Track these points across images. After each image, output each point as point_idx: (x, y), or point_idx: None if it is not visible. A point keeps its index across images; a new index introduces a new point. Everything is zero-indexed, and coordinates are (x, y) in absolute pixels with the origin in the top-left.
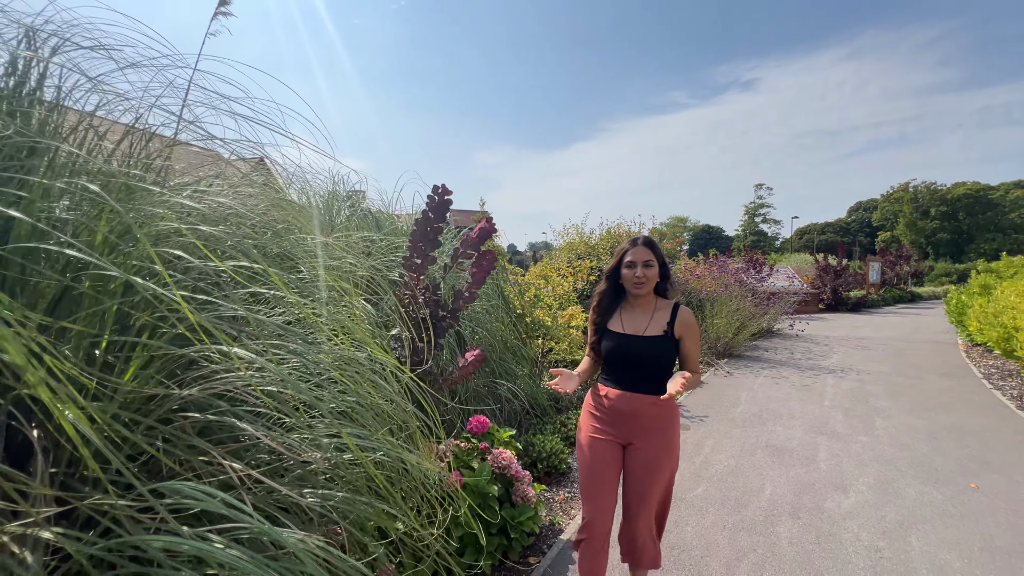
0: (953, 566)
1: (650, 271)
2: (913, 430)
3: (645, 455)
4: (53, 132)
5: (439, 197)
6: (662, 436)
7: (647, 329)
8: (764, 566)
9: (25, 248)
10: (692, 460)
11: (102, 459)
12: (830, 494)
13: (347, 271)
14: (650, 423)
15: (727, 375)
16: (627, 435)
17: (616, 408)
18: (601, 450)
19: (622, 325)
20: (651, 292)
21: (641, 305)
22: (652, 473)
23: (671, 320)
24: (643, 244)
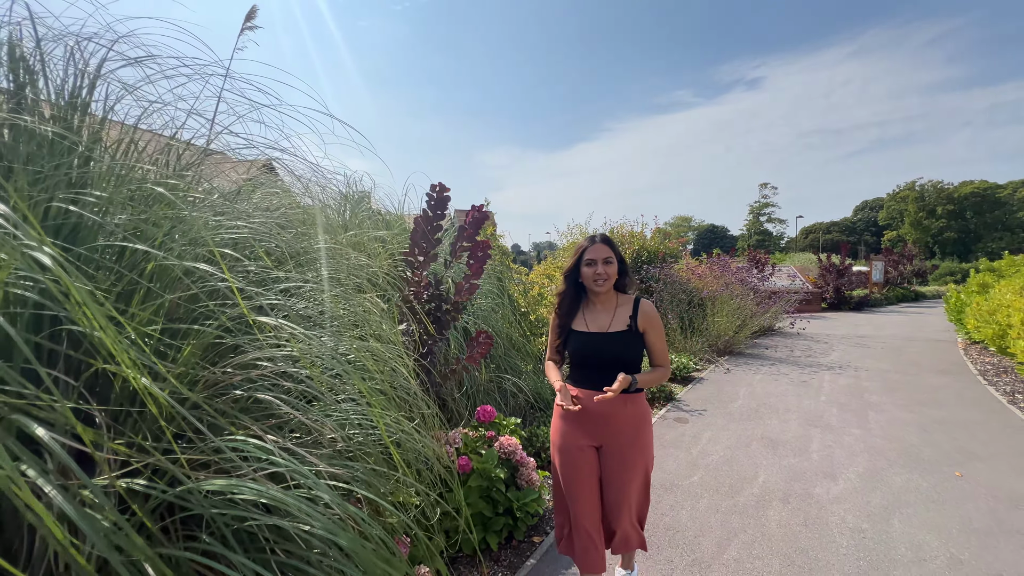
0: (931, 545)
1: (610, 268)
2: (905, 423)
3: (620, 455)
4: (104, 145)
5: (437, 195)
6: (634, 435)
7: (611, 325)
8: (753, 545)
9: (92, 248)
10: (689, 451)
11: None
12: (820, 482)
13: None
14: (622, 423)
15: (727, 372)
16: (600, 436)
17: (587, 409)
18: (578, 456)
19: (586, 324)
20: (611, 289)
21: (602, 302)
22: (628, 472)
23: (633, 314)
24: (601, 241)
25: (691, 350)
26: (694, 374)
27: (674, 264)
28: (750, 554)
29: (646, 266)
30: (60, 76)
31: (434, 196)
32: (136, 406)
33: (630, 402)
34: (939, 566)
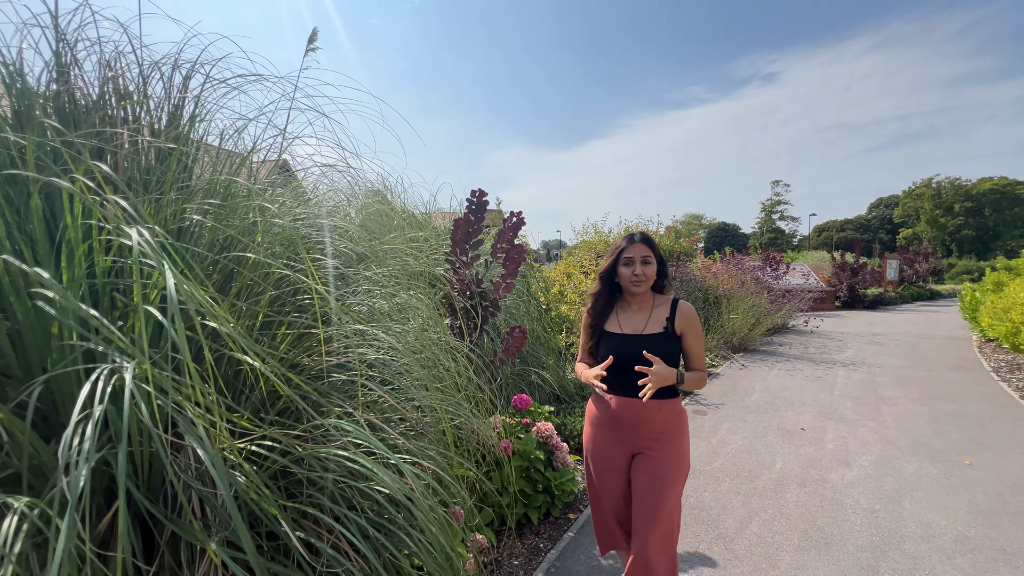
0: (939, 523)
1: (648, 268)
2: (917, 416)
3: (653, 465)
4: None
5: (477, 200)
6: (670, 443)
7: (646, 327)
8: (773, 523)
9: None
10: (709, 440)
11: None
12: (835, 468)
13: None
14: (657, 430)
15: (742, 367)
16: (633, 444)
17: (620, 416)
18: (609, 466)
19: (619, 325)
20: (648, 290)
21: (638, 303)
22: (662, 483)
23: (671, 316)
24: (640, 241)
25: (707, 347)
26: (711, 370)
27: (689, 262)
28: (770, 530)
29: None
30: (160, 98)
31: (474, 201)
32: (247, 389)
33: (666, 406)
34: (946, 541)
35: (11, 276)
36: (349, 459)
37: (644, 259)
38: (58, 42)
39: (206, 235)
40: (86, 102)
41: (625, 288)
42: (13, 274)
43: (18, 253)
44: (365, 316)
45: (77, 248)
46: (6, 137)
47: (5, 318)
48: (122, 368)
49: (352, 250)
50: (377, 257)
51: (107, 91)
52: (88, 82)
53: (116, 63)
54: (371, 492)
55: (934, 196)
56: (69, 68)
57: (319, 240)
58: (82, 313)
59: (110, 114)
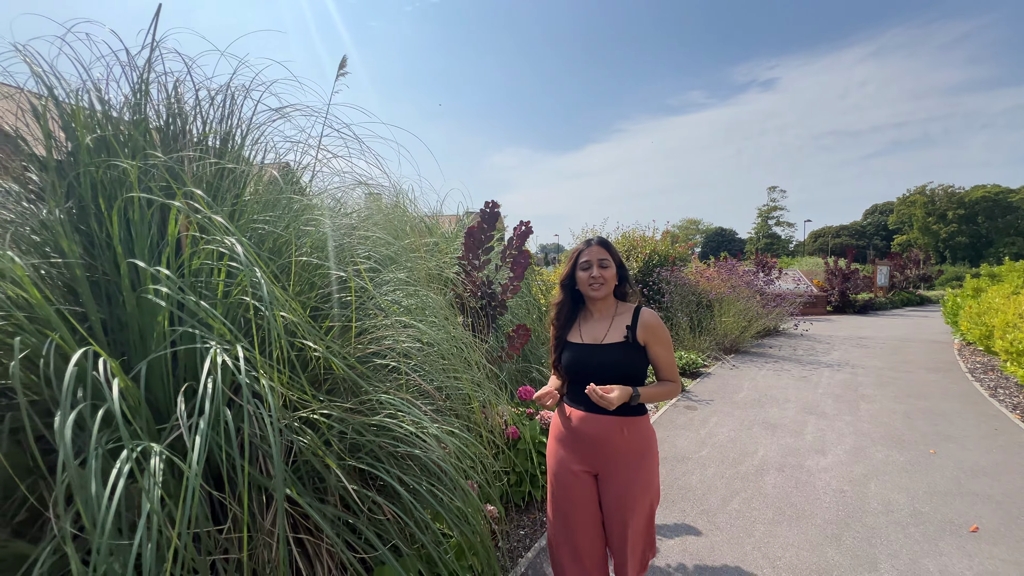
0: (899, 501)
1: (606, 271)
2: (892, 412)
3: (617, 488)
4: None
5: (490, 210)
6: (635, 465)
7: (606, 336)
8: (751, 501)
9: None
10: (698, 432)
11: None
12: (811, 456)
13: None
14: (620, 450)
15: (733, 368)
16: (596, 463)
17: (582, 432)
18: (571, 481)
19: (580, 335)
20: (610, 296)
21: (600, 311)
22: (627, 509)
23: (632, 324)
24: (597, 244)
25: (699, 348)
26: (702, 369)
27: (683, 267)
28: (748, 507)
29: (657, 269)
30: (216, 122)
31: (487, 211)
32: (303, 369)
33: (628, 426)
34: (903, 515)
35: (121, 275)
36: (397, 425)
37: (601, 262)
38: (138, 79)
39: (267, 241)
40: (158, 128)
41: (585, 294)
42: (123, 274)
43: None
44: (396, 311)
45: (181, 252)
46: (117, 162)
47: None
48: (218, 347)
49: (383, 253)
50: (400, 260)
51: (173, 117)
52: (157, 111)
53: (177, 91)
54: (409, 456)
55: (927, 203)
56: (144, 99)
57: (351, 244)
58: (188, 304)
59: (177, 138)
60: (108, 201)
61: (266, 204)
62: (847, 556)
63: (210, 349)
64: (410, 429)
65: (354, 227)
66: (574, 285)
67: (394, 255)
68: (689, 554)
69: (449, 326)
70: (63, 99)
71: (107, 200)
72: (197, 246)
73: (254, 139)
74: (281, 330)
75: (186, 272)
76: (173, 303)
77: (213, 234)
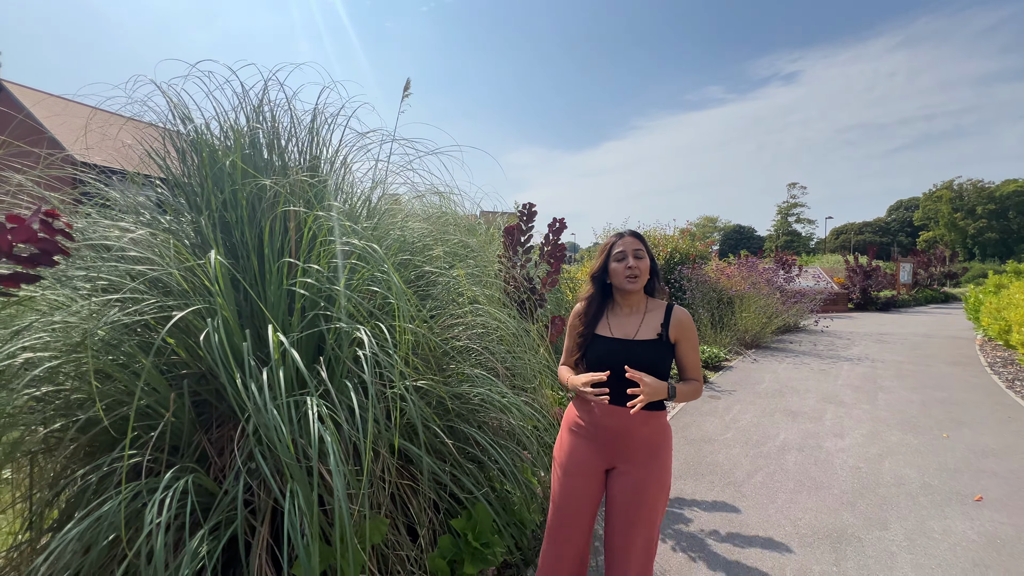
0: (910, 476)
1: (642, 263)
2: (909, 401)
3: (632, 481)
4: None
5: (528, 211)
6: (652, 461)
7: (639, 332)
8: (774, 475)
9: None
10: (722, 417)
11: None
12: (830, 439)
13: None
14: (639, 444)
15: (754, 361)
16: (611, 457)
17: (602, 425)
18: (580, 484)
19: (610, 329)
20: (641, 291)
21: (631, 305)
22: (639, 503)
23: (665, 322)
24: (630, 235)
25: (721, 343)
26: (724, 363)
27: (704, 265)
28: (771, 479)
29: (679, 267)
30: (305, 143)
31: (525, 212)
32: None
33: (652, 419)
34: (913, 488)
35: (267, 270)
36: (486, 393)
37: (636, 252)
38: (251, 112)
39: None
40: (269, 150)
41: (619, 286)
42: (268, 269)
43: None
44: (466, 301)
45: (296, 251)
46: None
47: (245, 302)
48: (359, 329)
49: (456, 251)
50: (465, 258)
51: (276, 139)
52: (267, 137)
53: (275, 118)
54: (487, 421)
55: (954, 198)
56: (258, 127)
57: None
58: (336, 295)
59: (281, 157)
60: (252, 212)
61: (370, 212)
62: (861, 519)
63: (342, 328)
64: (496, 397)
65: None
66: (605, 279)
67: (461, 252)
68: (719, 515)
69: (508, 314)
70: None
71: (251, 211)
72: (326, 247)
73: (342, 157)
74: (406, 314)
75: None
76: (314, 291)
77: (342, 237)
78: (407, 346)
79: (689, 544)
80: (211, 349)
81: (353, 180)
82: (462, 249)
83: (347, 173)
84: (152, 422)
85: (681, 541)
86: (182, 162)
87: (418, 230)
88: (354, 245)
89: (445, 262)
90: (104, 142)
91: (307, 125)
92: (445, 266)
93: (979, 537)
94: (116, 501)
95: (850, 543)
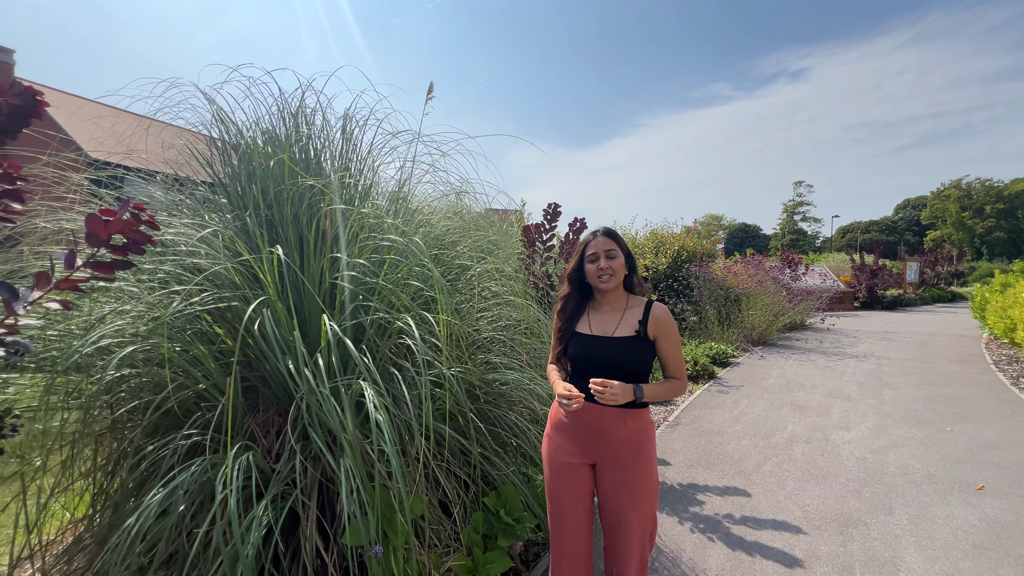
0: (914, 466)
1: (614, 262)
2: (914, 397)
3: (618, 477)
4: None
5: (552, 212)
6: (635, 456)
7: (617, 329)
8: (782, 464)
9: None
10: (731, 411)
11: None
12: (836, 431)
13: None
14: (620, 441)
15: (761, 358)
16: (594, 454)
17: (583, 422)
18: (567, 472)
19: (590, 327)
20: (620, 288)
21: (610, 303)
22: (629, 500)
23: (644, 319)
24: (603, 234)
25: (728, 340)
26: (731, 359)
27: (711, 263)
28: (780, 468)
29: (686, 265)
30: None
31: (549, 212)
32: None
33: (630, 417)
34: (917, 477)
35: (308, 263)
36: (518, 378)
37: (608, 253)
38: (290, 118)
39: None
40: (304, 151)
41: (594, 286)
42: (311, 263)
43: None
44: (491, 295)
45: (358, 249)
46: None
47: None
48: (405, 319)
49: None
50: (488, 254)
51: (313, 144)
52: (305, 139)
53: (309, 122)
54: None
55: (962, 197)
56: (302, 132)
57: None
58: (376, 288)
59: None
60: (295, 209)
61: (396, 211)
62: (866, 505)
63: (384, 319)
64: (526, 381)
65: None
66: (582, 278)
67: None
68: (731, 500)
69: (529, 307)
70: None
71: (294, 209)
72: (368, 242)
73: (374, 157)
74: (448, 307)
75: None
76: (357, 284)
77: (385, 234)
78: (447, 336)
79: (705, 526)
80: (266, 338)
81: (379, 180)
82: (488, 244)
83: (374, 175)
84: (208, 404)
85: (698, 523)
86: (224, 164)
87: (443, 227)
88: (396, 241)
89: (468, 258)
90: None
91: (338, 127)
92: (470, 262)
93: (980, 522)
94: (189, 473)
95: (856, 527)
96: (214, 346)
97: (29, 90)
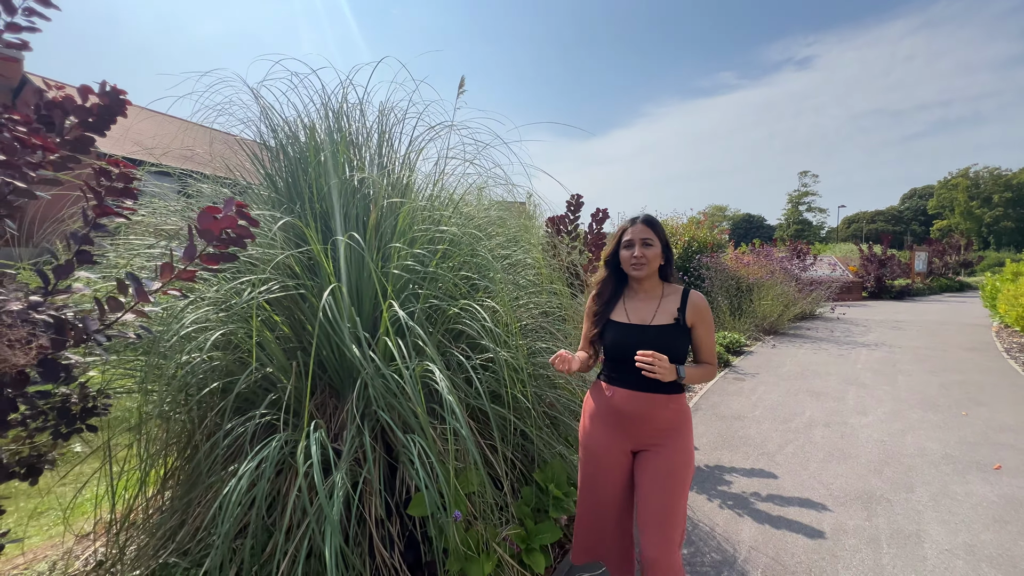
0: (932, 448)
1: (650, 251)
2: (928, 383)
3: (663, 461)
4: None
5: (575, 203)
6: (678, 440)
7: (655, 318)
8: (804, 447)
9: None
10: (749, 397)
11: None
12: (854, 416)
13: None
14: (663, 426)
15: (773, 347)
16: (636, 441)
17: (623, 410)
18: (607, 461)
19: (627, 315)
20: (655, 276)
21: (646, 290)
22: (672, 481)
23: (682, 306)
24: (642, 222)
25: (740, 329)
26: (744, 348)
27: (722, 253)
28: (802, 451)
29: (697, 255)
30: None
31: (572, 203)
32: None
33: (672, 402)
34: (935, 457)
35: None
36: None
37: (644, 241)
38: (333, 117)
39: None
40: (352, 147)
41: (627, 272)
42: (354, 251)
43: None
44: (525, 283)
45: (412, 239)
46: (363, 177)
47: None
48: (471, 306)
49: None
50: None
51: (354, 139)
52: (349, 136)
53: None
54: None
55: (970, 187)
56: (335, 128)
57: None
58: (431, 276)
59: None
60: (345, 202)
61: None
62: (888, 483)
63: (440, 305)
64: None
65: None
66: (618, 264)
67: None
68: (757, 480)
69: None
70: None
71: (344, 201)
72: (422, 233)
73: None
74: (505, 293)
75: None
76: (413, 273)
77: (439, 224)
78: (503, 322)
79: (734, 503)
80: (331, 323)
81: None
82: (523, 234)
83: (411, 173)
84: (271, 388)
85: (727, 500)
86: (274, 160)
87: (482, 217)
88: (454, 233)
89: (503, 247)
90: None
91: (375, 124)
92: (507, 252)
93: (999, 499)
94: (271, 448)
95: (879, 503)
96: (274, 333)
97: (114, 89)
